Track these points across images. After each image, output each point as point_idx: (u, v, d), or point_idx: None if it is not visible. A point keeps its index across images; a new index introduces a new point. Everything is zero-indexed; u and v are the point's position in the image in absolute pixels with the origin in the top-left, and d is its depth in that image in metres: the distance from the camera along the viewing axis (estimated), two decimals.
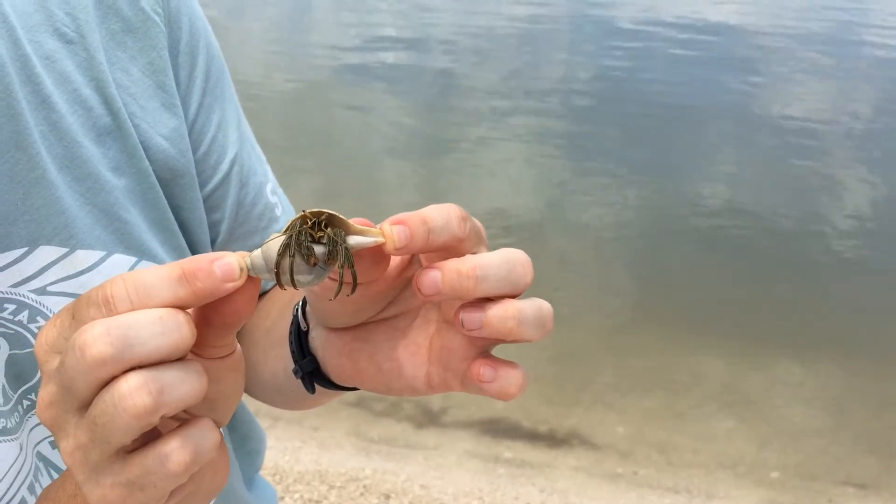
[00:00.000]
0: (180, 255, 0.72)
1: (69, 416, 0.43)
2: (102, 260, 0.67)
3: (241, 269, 0.44)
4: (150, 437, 0.44)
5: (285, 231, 0.47)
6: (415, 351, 0.55)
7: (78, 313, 0.43)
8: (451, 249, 0.49)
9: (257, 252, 0.47)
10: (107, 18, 0.68)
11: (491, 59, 8.36)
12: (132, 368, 0.41)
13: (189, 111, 0.73)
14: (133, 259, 0.68)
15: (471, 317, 0.48)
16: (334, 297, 0.49)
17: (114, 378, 0.41)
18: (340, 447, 3.08)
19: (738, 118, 6.86)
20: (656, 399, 3.53)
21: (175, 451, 0.43)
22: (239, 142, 0.78)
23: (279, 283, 0.47)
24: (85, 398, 0.42)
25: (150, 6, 0.70)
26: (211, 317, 0.45)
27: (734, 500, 3.02)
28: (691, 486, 3.06)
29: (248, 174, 0.79)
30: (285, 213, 0.84)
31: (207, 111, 0.75)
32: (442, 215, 0.48)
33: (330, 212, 0.47)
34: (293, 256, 0.46)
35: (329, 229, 0.47)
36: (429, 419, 3.29)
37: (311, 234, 0.46)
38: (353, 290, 0.49)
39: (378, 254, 0.48)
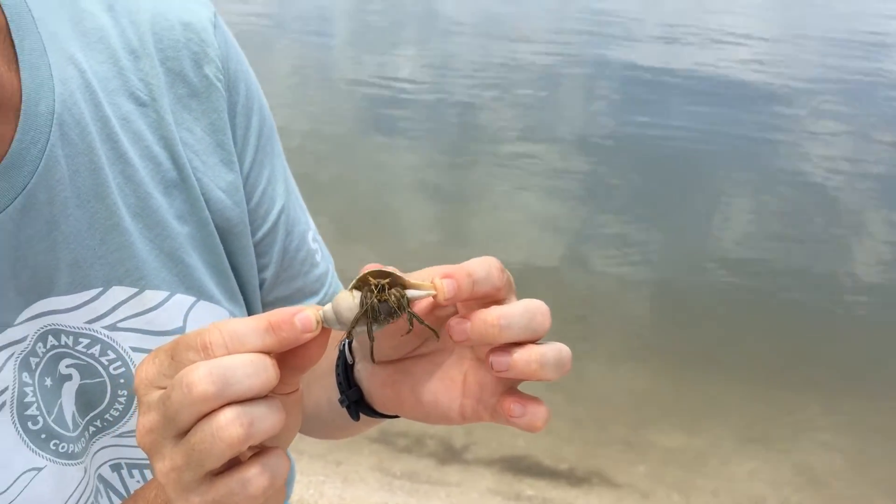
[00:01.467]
0: (233, 297, 0.80)
1: (167, 441, 0.51)
2: (167, 299, 0.75)
3: (318, 322, 0.53)
4: (232, 462, 0.51)
5: (354, 288, 0.56)
6: (450, 385, 0.62)
7: (177, 355, 0.51)
8: (490, 297, 0.57)
9: (328, 307, 0.55)
10: (175, 84, 0.77)
11: (509, 103, 8.48)
12: (228, 403, 0.49)
13: (244, 166, 0.81)
14: (193, 299, 0.76)
15: (499, 360, 0.56)
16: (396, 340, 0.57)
17: (212, 411, 0.49)
18: (364, 482, 3.13)
19: (757, 167, 6.90)
20: (677, 439, 3.54)
21: (255, 477, 0.51)
22: (285, 194, 0.87)
23: (348, 335, 0.56)
24: (184, 427, 0.50)
25: (213, 73, 0.78)
26: (288, 360, 0.53)
27: None
28: None
29: (293, 223, 0.87)
30: (324, 258, 0.92)
31: (259, 167, 0.83)
32: (484, 268, 0.57)
33: (390, 270, 0.56)
34: (368, 318, 0.55)
35: (393, 290, 0.55)
36: (451, 455, 3.33)
37: (378, 296, 0.55)
38: (407, 332, 0.58)
39: (430, 303, 0.57)
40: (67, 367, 0.72)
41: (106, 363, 0.73)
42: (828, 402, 3.81)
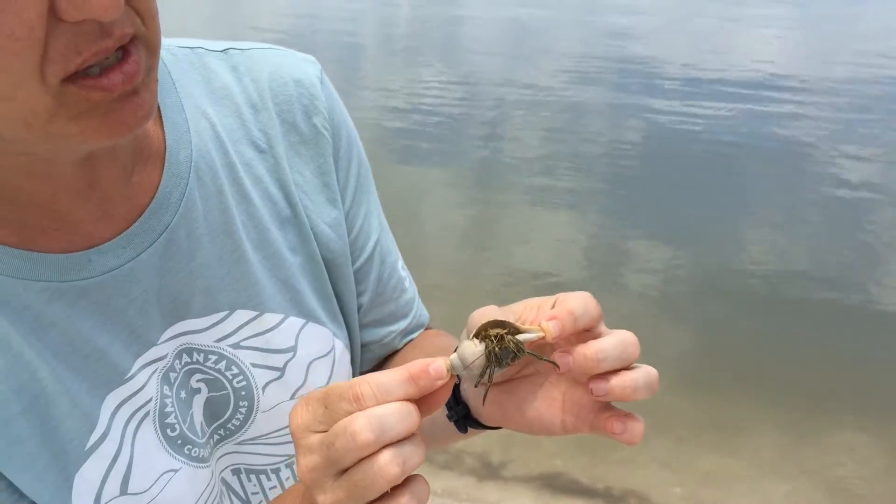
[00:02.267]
0: (335, 319, 0.90)
1: (328, 479, 0.60)
2: (282, 321, 0.85)
3: (448, 370, 0.63)
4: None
5: (475, 337, 0.65)
6: (551, 403, 0.71)
7: (331, 405, 0.61)
8: (589, 329, 0.67)
9: (454, 356, 0.65)
10: (288, 133, 0.87)
11: (534, 119, 8.58)
12: (384, 446, 0.59)
13: (345, 203, 0.91)
14: (303, 321, 0.86)
15: (598, 387, 0.66)
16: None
17: (372, 454, 0.59)
18: None
19: (788, 177, 6.92)
20: (712, 461, 3.59)
21: (407, 502, 0.60)
22: (379, 228, 0.96)
23: (477, 382, 0.66)
24: (346, 467, 0.60)
25: (321, 123, 0.89)
26: (422, 403, 0.63)
27: None
28: None
29: (385, 254, 0.97)
30: (411, 284, 1.02)
31: (358, 204, 0.93)
32: (581, 305, 0.66)
33: (503, 319, 0.66)
34: (491, 365, 0.65)
35: (509, 338, 0.65)
36: (489, 473, 3.41)
37: (499, 348, 0.65)
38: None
39: (539, 342, 0.67)
40: (198, 381, 0.82)
41: (230, 377, 0.83)
42: (863, 421, 3.83)
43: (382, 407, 0.59)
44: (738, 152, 7.60)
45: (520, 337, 0.65)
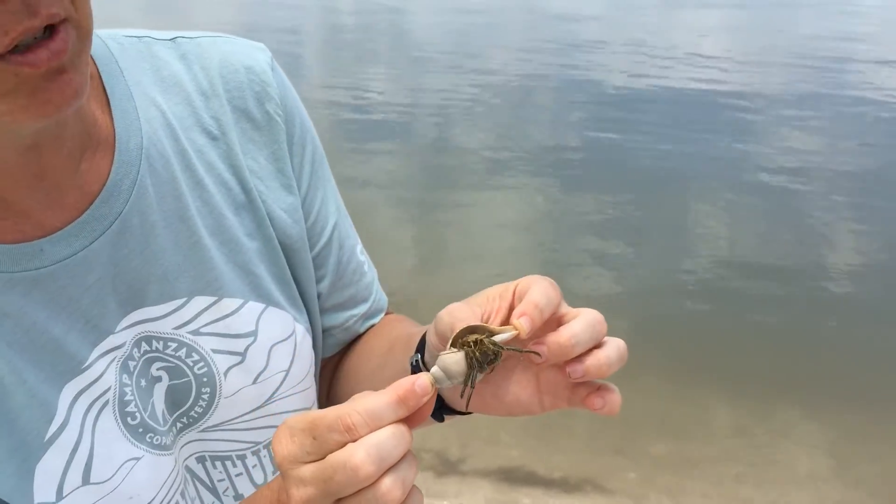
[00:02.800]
0: (295, 304, 0.90)
1: None
2: (241, 306, 0.85)
3: (432, 385, 0.64)
4: None
5: (453, 346, 0.66)
6: (526, 385, 0.73)
7: (320, 436, 0.61)
8: (555, 313, 0.70)
9: (436, 370, 0.66)
10: (240, 120, 0.87)
11: (481, 121, 8.63)
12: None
13: (301, 190, 0.92)
14: (263, 305, 0.86)
15: (575, 370, 0.68)
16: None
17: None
18: None
19: (727, 175, 7.09)
20: (666, 446, 3.66)
21: None
22: (336, 213, 0.97)
23: (463, 390, 0.67)
24: (343, 497, 0.60)
25: (273, 109, 0.89)
26: (409, 420, 0.63)
27: None
28: None
29: (344, 238, 0.98)
30: (370, 268, 1.03)
31: (314, 189, 0.93)
32: (543, 295, 0.68)
33: (477, 325, 0.67)
34: (474, 371, 0.66)
35: (488, 342, 0.66)
36: (449, 468, 3.43)
37: (479, 353, 0.66)
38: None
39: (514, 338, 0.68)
40: (158, 369, 0.81)
41: (191, 364, 0.82)
42: (809, 405, 3.95)
43: (377, 435, 0.60)
44: (681, 148, 7.76)
45: (496, 338, 0.67)
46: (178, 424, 0.83)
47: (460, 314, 0.70)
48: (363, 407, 0.61)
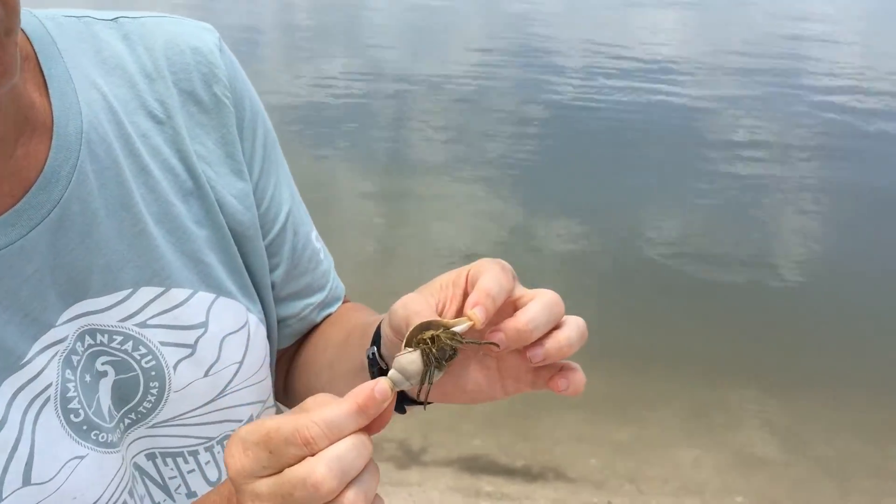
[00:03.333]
0: (247, 293, 0.87)
1: None
2: (191, 297, 0.81)
3: (391, 389, 0.61)
4: None
5: (408, 345, 0.64)
6: (487, 373, 0.72)
7: (276, 450, 0.58)
8: (510, 297, 0.68)
9: (393, 373, 0.64)
10: (187, 103, 0.84)
11: (441, 102, 8.61)
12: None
13: (253, 175, 0.88)
14: (213, 295, 0.83)
15: (535, 354, 0.67)
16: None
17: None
18: None
19: (683, 156, 7.17)
20: (625, 432, 3.69)
21: None
22: (290, 198, 0.94)
23: (419, 390, 0.65)
24: None
25: (222, 92, 0.85)
26: (369, 427, 0.61)
27: None
28: None
29: (298, 224, 0.94)
30: (326, 256, 1.00)
31: (267, 174, 0.90)
32: (495, 282, 0.67)
33: (430, 320, 0.65)
34: (432, 368, 0.64)
35: (444, 336, 0.64)
36: (410, 458, 3.41)
37: (436, 350, 0.64)
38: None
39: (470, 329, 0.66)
40: (103, 364, 0.78)
41: (138, 357, 0.79)
42: (764, 389, 4.01)
43: (337, 448, 0.57)
44: (638, 132, 7.81)
45: (452, 331, 0.65)
46: (126, 421, 0.80)
47: (414, 306, 0.68)
48: (322, 418, 0.58)
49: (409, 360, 0.63)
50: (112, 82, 0.80)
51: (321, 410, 0.59)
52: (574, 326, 0.68)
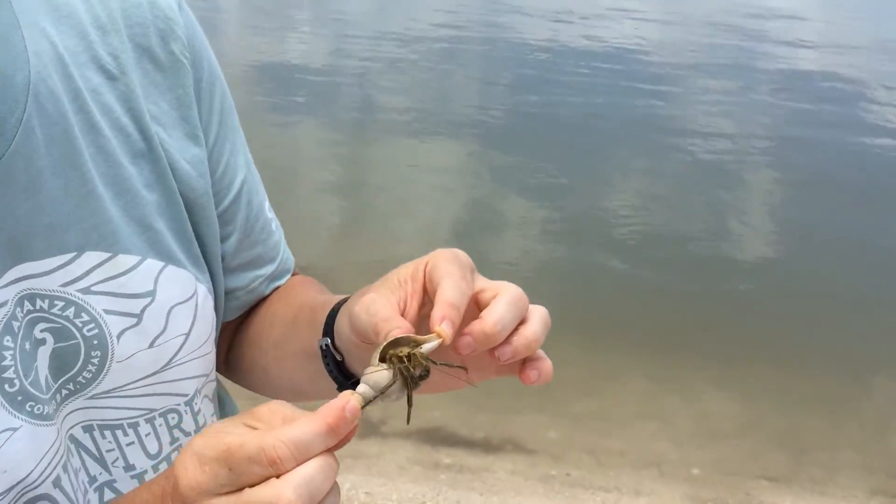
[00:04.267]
0: (197, 262, 0.83)
1: None
2: (139, 264, 0.77)
3: (361, 406, 0.59)
4: None
5: (381, 361, 0.63)
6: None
7: (237, 468, 0.55)
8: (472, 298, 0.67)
9: (363, 388, 0.62)
10: (142, 59, 0.79)
11: (406, 81, 8.52)
12: None
13: (209, 140, 0.84)
14: (162, 264, 0.79)
15: (504, 352, 0.66)
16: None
17: None
18: None
19: (649, 138, 7.20)
20: (584, 405, 3.72)
21: None
22: (245, 166, 0.90)
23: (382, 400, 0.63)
24: None
25: (179, 50, 0.81)
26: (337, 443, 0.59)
27: (659, 496, 3.22)
28: (620, 485, 3.25)
29: (252, 193, 0.91)
30: (277, 227, 0.97)
31: (222, 140, 0.86)
32: (457, 290, 0.65)
33: (403, 336, 0.64)
34: (409, 388, 0.63)
35: (417, 354, 0.63)
36: (369, 430, 3.39)
37: (409, 368, 0.63)
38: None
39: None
40: (42, 331, 0.73)
41: (80, 325, 0.75)
42: (719, 362, 4.07)
43: (305, 469, 0.55)
44: (604, 115, 7.82)
45: (424, 348, 0.63)
46: (64, 391, 0.76)
47: (382, 312, 0.66)
48: (289, 438, 0.55)
49: (382, 376, 0.62)
50: (63, 32, 0.75)
51: (289, 430, 0.56)
52: (539, 320, 0.67)
